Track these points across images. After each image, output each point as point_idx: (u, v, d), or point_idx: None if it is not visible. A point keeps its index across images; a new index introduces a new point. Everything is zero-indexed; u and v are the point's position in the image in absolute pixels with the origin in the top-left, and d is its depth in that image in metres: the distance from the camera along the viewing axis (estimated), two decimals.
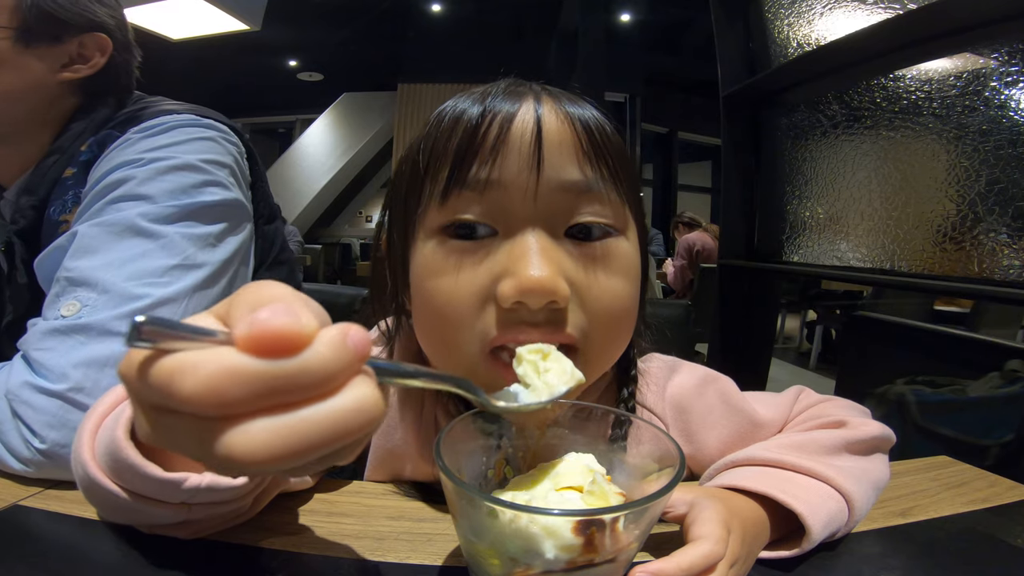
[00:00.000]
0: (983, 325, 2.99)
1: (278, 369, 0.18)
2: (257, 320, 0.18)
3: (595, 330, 0.38)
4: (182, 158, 0.59)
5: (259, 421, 0.18)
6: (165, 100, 0.70)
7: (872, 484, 0.41)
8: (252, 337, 0.18)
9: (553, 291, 0.34)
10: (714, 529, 0.32)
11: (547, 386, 0.31)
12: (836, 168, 1.40)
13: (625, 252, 0.40)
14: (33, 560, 0.34)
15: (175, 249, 0.55)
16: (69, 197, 0.61)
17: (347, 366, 0.20)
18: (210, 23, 2.78)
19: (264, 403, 0.18)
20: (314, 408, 0.19)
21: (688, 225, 4.17)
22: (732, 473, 0.41)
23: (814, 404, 0.51)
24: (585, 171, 0.37)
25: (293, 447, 0.18)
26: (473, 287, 0.37)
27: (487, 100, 0.38)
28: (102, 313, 0.49)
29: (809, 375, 3.74)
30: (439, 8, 6.22)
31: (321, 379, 0.19)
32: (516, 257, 0.35)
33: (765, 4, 1.59)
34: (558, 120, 0.37)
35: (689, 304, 0.96)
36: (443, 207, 0.38)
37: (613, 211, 0.39)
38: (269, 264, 0.74)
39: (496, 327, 0.36)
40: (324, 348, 0.19)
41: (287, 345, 0.18)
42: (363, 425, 0.20)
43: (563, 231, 0.38)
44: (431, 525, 0.41)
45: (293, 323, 0.19)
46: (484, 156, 0.36)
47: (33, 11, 0.59)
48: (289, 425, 0.18)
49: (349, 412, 0.19)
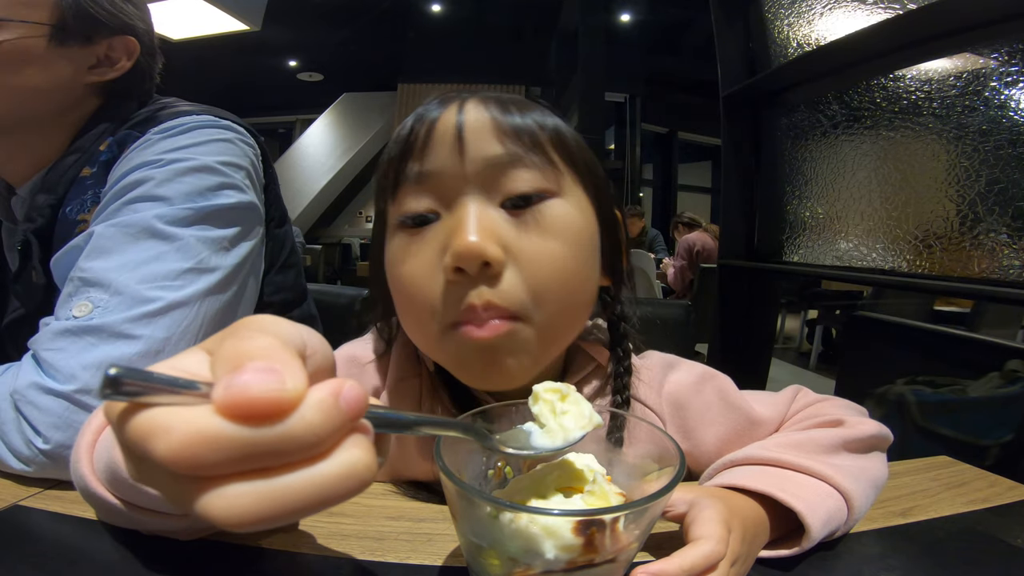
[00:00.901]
0: (983, 325, 2.99)
1: (258, 437, 0.17)
2: (236, 385, 0.17)
3: (536, 296, 0.39)
4: (200, 160, 0.59)
5: (238, 485, 0.17)
6: (181, 101, 0.70)
7: (871, 482, 0.41)
8: (230, 404, 0.17)
9: (482, 252, 0.37)
10: (715, 528, 0.32)
11: (562, 429, 0.30)
12: (836, 168, 1.40)
13: (561, 213, 0.41)
14: (33, 560, 0.34)
15: (190, 252, 0.55)
16: (88, 196, 0.61)
17: (337, 428, 0.19)
18: (210, 23, 2.78)
19: (243, 467, 0.18)
20: (299, 474, 0.18)
21: (688, 225, 4.17)
22: (731, 472, 0.42)
23: (811, 403, 0.51)
24: (506, 145, 0.40)
25: (274, 513, 0.18)
26: (424, 266, 0.40)
27: (420, 110, 0.43)
28: (114, 315, 0.49)
29: (809, 375, 3.74)
30: (439, 8, 6.22)
31: (307, 445, 0.18)
32: (453, 228, 0.39)
33: (765, 4, 1.59)
34: (476, 109, 0.41)
35: (689, 304, 0.96)
36: (395, 203, 0.42)
37: (543, 175, 0.41)
38: (279, 268, 0.74)
39: (444, 299, 0.39)
40: (311, 413, 0.18)
41: (268, 412, 0.17)
42: (351, 490, 0.19)
43: (499, 203, 0.40)
44: (431, 525, 0.41)
45: (275, 389, 0.17)
46: (417, 153, 0.41)
47: (72, 9, 0.59)
48: (270, 490, 0.18)
49: (336, 478, 0.18)
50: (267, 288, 0.71)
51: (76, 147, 0.63)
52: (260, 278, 0.68)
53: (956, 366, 1.17)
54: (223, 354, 0.19)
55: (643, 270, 3.64)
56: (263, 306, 0.71)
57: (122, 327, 0.49)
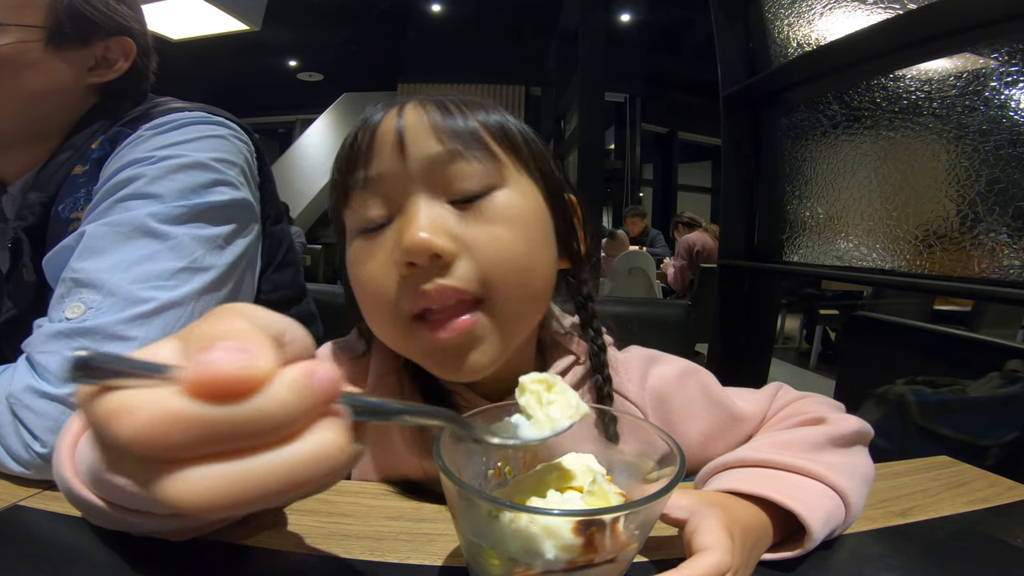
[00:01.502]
0: (983, 325, 2.99)
1: (225, 415, 0.17)
2: (204, 362, 0.17)
3: (489, 279, 0.40)
4: (193, 156, 0.59)
5: (203, 467, 0.17)
6: (174, 100, 0.70)
7: (862, 479, 0.42)
8: (198, 381, 0.17)
9: (430, 244, 0.38)
10: (721, 538, 0.32)
11: (549, 419, 0.30)
12: (836, 168, 1.40)
13: (506, 202, 0.42)
14: (33, 560, 0.34)
15: (183, 251, 0.54)
16: (80, 195, 0.60)
17: (309, 409, 0.18)
18: (210, 23, 2.78)
19: (211, 449, 0.17)
20: (267, 456, 0.18)
21: (688, 225, 4.17)
22: (726, 476, 0.41)
23: (792, 401, 0.51)
24: (445, 143, 0.41)
25: (242, 496, 0.17)
26: (379, 266, 0.41)
27: (362, 117, 0.44)
28: (107, 316, 0.49)
29: (809, 375, 3.74)
30: (439, 8, 6.23)
31: (276, 425, 0.18)
32: (401, 228, 0.40)
33: (765, 4, 1.59)
34: (415, 112, 0.42)
35: (689, 304, 0.96)
36: (349, 209, 0.44)
37: (485, 169, 0.42)
38: (276, 266, 0.74)
39: (400, 293, 0.40)
40: (282, 391, 0.18)
41: (236, 389, 0.17)
42: (323, 474, 0.18)
43: (446, 200, 0.41)
44: (431, 525, 0.41)
45: (245, 365, 0.17)
46: (362, 160, 0.42)
47: (68, 11, 0.59)
48: (236, 473, 0.17)
49: (307, 461, 0.18)
50: (264, 286, 0.71)
51: (68, 145, 0.63)
52: (257, 276, 0.68)
53: (956, 366, 1.18)
54: (195, 336, 0.19)
55: (643, 270, 3.64)
56: (261, 304, 0.71)
57: (116, 329, 0.49)
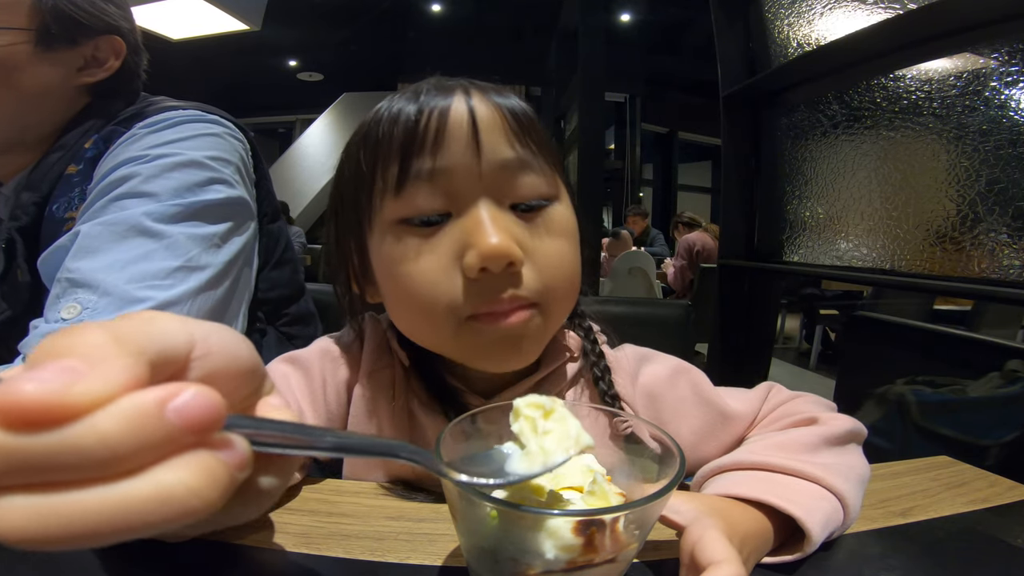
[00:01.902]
0: (983, 325, 2.99)
1: (30, 445, 0.15)
2: (11, 384, 0.15)
3: (549, 288, 0.42)
4: (187, 154, 0.59)
5: (14, 498, 0.15)
6: (169, 99, 0.70)
7: (859, 480, 0.41)
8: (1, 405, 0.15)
9: (509, 253, 0.38)
10: (730, 550, 0.32)
11: (542, 452, 0.26)
12: (836, 168, 1.40)
13: (562, 217, 0.44)
14: (33, 560, 0.34)
15: (179, 250, 0.54)
16: (75, 194, 0.60)
17: (156, 442, 0.16)
18: (210, 23, 2.78)
19: (23, 479, 0.15)
20: (89, 492, 0.15)
21: (688, 225, 4.17)
22: (723, 479, 0.41)
23: (784, 401, 0.51)
24: (516, 149, 0.41)
25: (56, 533, 0.15)
26: (439, 265, 0.40)
27: (421, 97, 0.41)
28: (103, 316, 0.49)
29: (809, 375, 3.74)
30: (439, 8, 6.23)
31: (99, 459, 0.15)
32: (471, 230, 0.39)
33: (765, 4, 1.59)
34: (488, 108, 0.41)
35: (689, 304, 0.96)
36: (399, 199, 0.41)
37: (546, 181, 0.43)
38: (273, 264, 0.74)
39: (464, 298, 0.40)
40: (107, 421, 0.15)
41: (42, 418, 0.15)
42: (166, 519, 0.16)
43: (508, 205, 0.41)
44: (431, 525, 0.41)
45: (54, 391, 0.15)
46: (428, 147, 0.40)
47: (53, 12, 0.59)
48: (52, 508, 0.15)
49: (143, 502, 0.16)
50: (262, 284, 0.71)
51: (60, 144, 0.63)
52: (254, 274, 0.68)
53: (956, 366, 1.18)
54: (41, 347, 0.17)
55: (643, 270, 3.64)
56: (258, 303, 0.71)
57: None
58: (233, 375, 0.21)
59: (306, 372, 0.49)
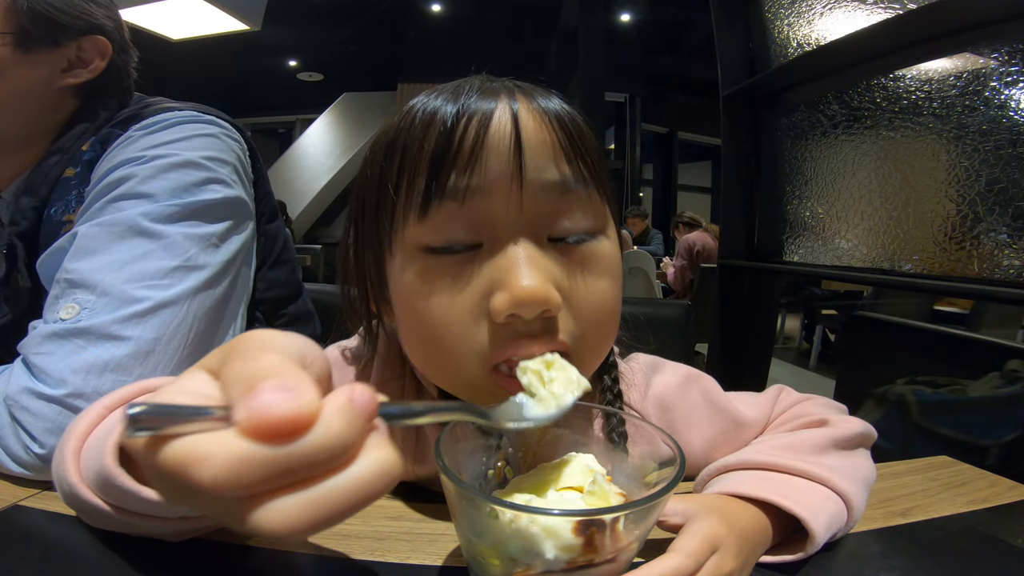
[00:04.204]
0: (983, 325, 2.99)
1: (289, 453, 0.18)
2: (256, 408, 0.18)
3: (585, 333, 0.37)
4: (184, 155, 0.59)
5: (285, 499, 0.18)
6: (165, 100, 0.70)
7: (864, 482, 0.42)
8: (255, 427, 0.18)
9: (546, 300, 0.34)
10: (690, 543, 0.32)
11: (553, 396, 0.30)
12: (836, 168, 1.40)
13: (608, 253, 0.39)
14: (33, 560, 0.34)
15: (177, 250, 0.54)
16: (72, 197, 0.60)
17: (360, 432, 0.20)
18: (210, 23, 2.78)
19: (284, 482, 0.18)
20: (338, 479, 0.19)
21: (688, 225, 4.17)
22: (728, 478, 0.41)
23: (794, 404, 0.51)
24: (563, 170, 0.36)
25: (324, 518, 0.19)
26: (465, 305, 0.35)
27: (461, 99, 0.36)
28: (101, 316, 0.49)
29: (809, 375, 3.74)
30: (439, 8, 6.22)
31: (336, 453, 0.19)
32: (505, 269, 0.34)
33: (765, 4, 1.59)
34: (535, 119, 0.36)
35: (689, 304, 0.96)
36: (423, 221, 0.35)
37: (594, 211, 0.38)
38: (271, 264, 0.74)
39: (491, 343, 0.35)
40: (335, 421, 0.19)
41: (293, 429, 0.18)
42: (387, 486, 0.20)
43: (546, 237, 0.36)
44: (431, 525, 0.41)
45: (294, 406, 0.18)
46: (463, 162, 0.34)
47: (29, 14, 0.58)
48: (315, 499, 0.19)
49: (373, 477, 0.19)
50: (260, 284, 0.71)
51: (56, 148, 0.63)
52: (252, 274, 0.68)
53: (956, 366, 1.18)
54: (233, 376, 0.20)
55: (643, 270, 3.64)
56: (256, 303, 0.71)
57: (110, 328, 0.49)
58: (327, 375, 0.24)
59: None
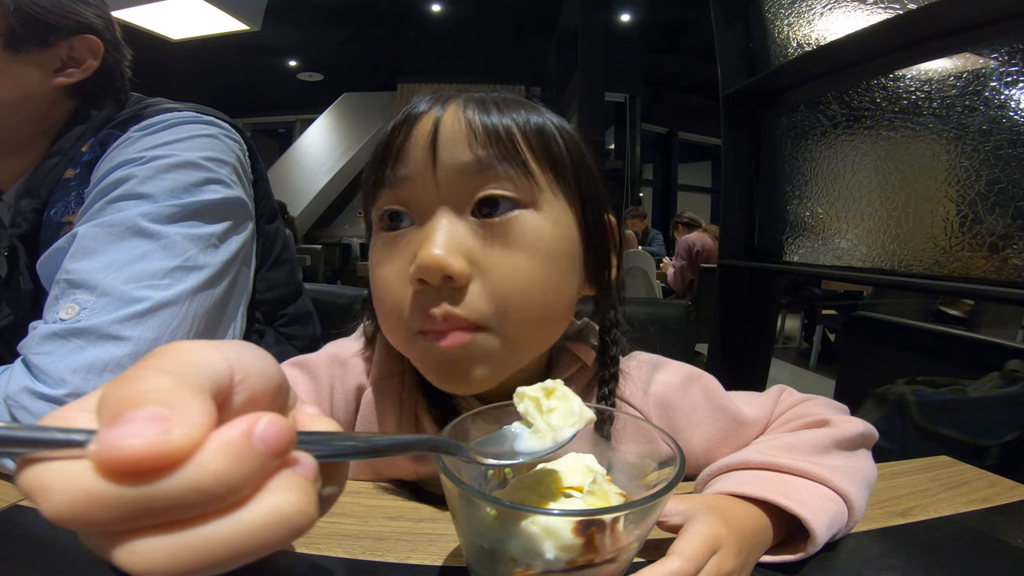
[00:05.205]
0: (983, 325, 2.99)
1: (148, 493, 0.15)
2: (110, 441, 0.15)
3: (506, 310, 0.38)
4: (183, 155, 0.59)
5: (153, 539, 0.16)
6: (164, 100, 0.70)
7: (865, 482, 0.41)
8: (104, 462, 0.15)
9: (444, 266, 0.36)
10: (690, 545, 0.32)
11: (551, 428, 0.28)
12: (836, 168, 1.40)
13: (531, 226, 0.39)
14: (33, 560, 0.34)
15: (176, 250, 0.54)
16: (72, 198, 0.60)
17: (254, 471, 0.17)
18: (210, 23, 2.78)
19: (146, 522, 0.16)
20: (218, 525, 0.16)
21: (688, 225, 4.17)
22: (730, 478, 0.41)
23: (796, 403, 0.51)
24: (477, 152, 0.39)
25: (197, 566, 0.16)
26: (397, 271, 0.40)
27: (407, 108, 0.42)
28: (101, 316, 0.49)
29: (809, 375, 3.74)
30: (439, 8, 6.23)
31: (215, 495, 0.16)
32: (421, 239, 0.38)
33: (765, 4, 1.59)
34: (453, 115, 0.40)
35: (689, 304, 0.96)
36: (375, 204, 0.42)
37: (515, 186, 0.39)
38: (270, 264, 0.74)
39: (411, 308, 0.39)
40: (214, 460, 0.16)
41: (152, 467, 0.15)
42: (286, 536, 0.17)
43: (469, 211, 0.39)
44: (431, 525, 0.41)
45: (156, 441, 0.15)
46: (394, 156, 0.40)
47: (17, 15, 0.58)
48: (189, 544, 0.16)
49: (261, 527, 0.16)
50: (259, 285, 0.71)
51: (56, 149, 0.63)
52: (252, 274, 0.68)
53: (956, 366, 1.18)
54: (108, 399, 0.17)
55: (643, 270, 3.64)
56: (256, 303, 0.71)
57: (110, 328, 0.49)
58: (269, 393, 0.21)
59: (314, 377, 0.49)
